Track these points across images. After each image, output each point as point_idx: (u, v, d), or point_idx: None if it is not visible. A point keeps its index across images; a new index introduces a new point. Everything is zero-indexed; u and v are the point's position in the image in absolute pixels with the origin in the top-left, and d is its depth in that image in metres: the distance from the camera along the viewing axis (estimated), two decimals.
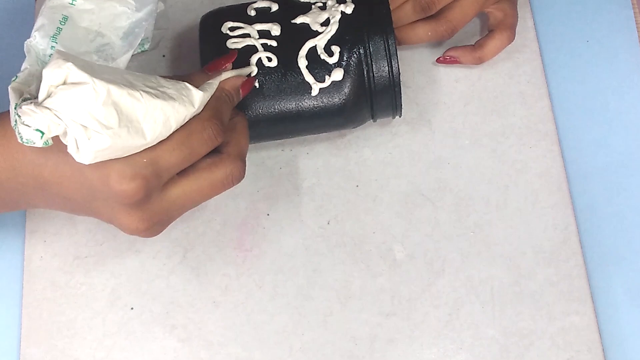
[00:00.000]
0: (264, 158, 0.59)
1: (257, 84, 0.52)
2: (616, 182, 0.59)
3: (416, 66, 0.61)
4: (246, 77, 0.51)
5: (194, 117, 0.46)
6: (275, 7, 0.54)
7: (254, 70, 0.52)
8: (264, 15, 0.54)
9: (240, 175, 0.49)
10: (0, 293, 0.57)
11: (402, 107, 0.55)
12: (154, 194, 0.45)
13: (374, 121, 0.57)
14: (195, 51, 0.55)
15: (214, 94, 0.48)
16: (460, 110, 0.60)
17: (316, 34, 0.53)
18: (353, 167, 0.59)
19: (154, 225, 0.47)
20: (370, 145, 0.59)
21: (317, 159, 0.59)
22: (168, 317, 0.56)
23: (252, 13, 0.54)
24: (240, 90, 0.50)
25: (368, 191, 0.58)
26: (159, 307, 0.56)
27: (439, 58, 0.60)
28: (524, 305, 0.55)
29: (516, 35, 0.59)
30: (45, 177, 0.46)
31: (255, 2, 0.55)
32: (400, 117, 0.56)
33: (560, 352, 0.54)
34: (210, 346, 0.55)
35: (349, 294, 0.56)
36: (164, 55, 0.62)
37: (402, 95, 0.55)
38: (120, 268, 0.57)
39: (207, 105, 0.47)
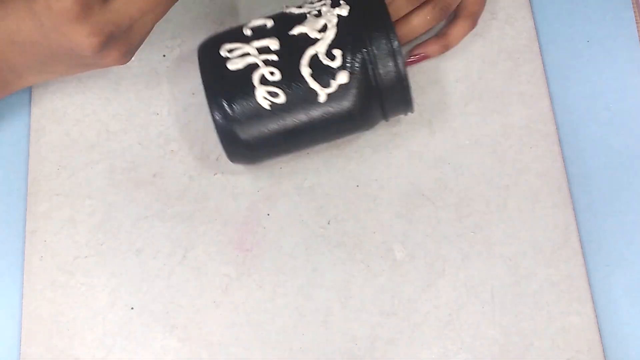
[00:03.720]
0: None
1: (265, 103, 0.51)
2: (616, 182, 0.59)
3: (416, 66, 0.61)
4: None
5: None
6: (270, 23, 0.53)
7: None
8: (260, 32, 0.53)
9: None
10: (0, 293, 0.57)
11: (413, 101, 0.54)
12: (95, 6, 0.47)
13: (386, 120, 0.56)
14: (196, 50, 0.54)
15: None
16: (460, 110, 0.60)
17: (315, 41, 0.52)
18: (353, 167, 0.59)
19: (108, 40, 0.48)
20: (371, 145, 0.59)
21: (317, 159, 0.59)
22: (168, 317, 0.56)
23: (249, 32, 0.53)
24: None
25: (368, 191, 0.58)
26: (159, 307, 0.56)
27: (407, 60, 0.59)
28: (524, 305, 0.55)
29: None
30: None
31: (249, 22, 0.54)
32: (412, 112, 0.55)
33: (560, 352, 0.54)
34: (210, 346, 0.55)
35: (349, 294, 0.56)
36: (164, 55, 0.62)
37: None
38: (120, 268, 0.57)
39: None
